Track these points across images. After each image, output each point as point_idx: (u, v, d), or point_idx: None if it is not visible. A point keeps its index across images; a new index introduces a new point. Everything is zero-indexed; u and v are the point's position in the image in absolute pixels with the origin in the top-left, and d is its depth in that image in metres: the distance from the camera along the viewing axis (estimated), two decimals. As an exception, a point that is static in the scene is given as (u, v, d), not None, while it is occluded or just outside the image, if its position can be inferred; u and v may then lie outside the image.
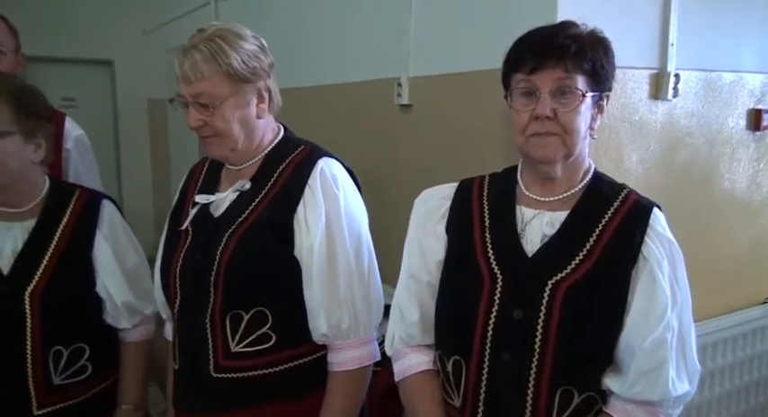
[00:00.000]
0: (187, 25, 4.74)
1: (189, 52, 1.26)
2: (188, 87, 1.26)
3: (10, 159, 1.37)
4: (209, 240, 1.32)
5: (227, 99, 1.27)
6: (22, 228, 1.43)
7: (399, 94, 2.36)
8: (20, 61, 1.86)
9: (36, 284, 1.39)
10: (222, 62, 1.25)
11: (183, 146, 5.03)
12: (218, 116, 1.27)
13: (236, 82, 1.28)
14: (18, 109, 1.37)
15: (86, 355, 1.46)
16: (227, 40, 1.28)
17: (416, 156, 2.32)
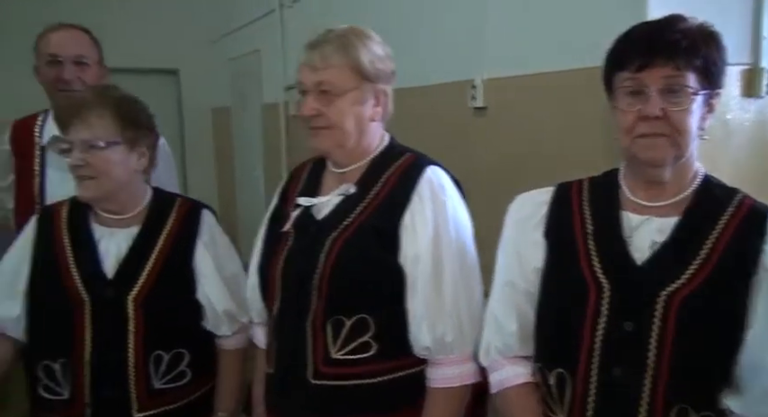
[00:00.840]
0: (251, 33, 4.83)
1: (320, 43, 1.29)
2: (313, 75, 1.28)
3: (115, 168, 1.40)
4: (312, 243, 1.31)
5: (349, 92, 1.29)
6: (126, 235, 1.46)
7: (474, 97, 2.32)
8: (103, 72, 1.91)
9: (139, 289, 1.40)
10: (352, 55, 1.29)
11: (248, 154, 5.11)
12: (336, 107, 1.29)
13: (360, 78, 1.30)
14: (122, 119, 1.40)
15: (186, 361, 1.47)
16: (359, 37, 1.31)
17: (491, 161, 2.27)
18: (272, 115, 4.48)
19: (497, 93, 2.26)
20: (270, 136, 4.57)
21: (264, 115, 4.69)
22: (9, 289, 1.43)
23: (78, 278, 1.39)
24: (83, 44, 1.85)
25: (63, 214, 1.48)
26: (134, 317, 1.39)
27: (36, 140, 1.88)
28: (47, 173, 1.85)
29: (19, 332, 1.44)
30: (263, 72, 4.66)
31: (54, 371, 1.39)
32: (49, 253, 1.43)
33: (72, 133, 1.38)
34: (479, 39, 2.31)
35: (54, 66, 1.81)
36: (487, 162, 2.29)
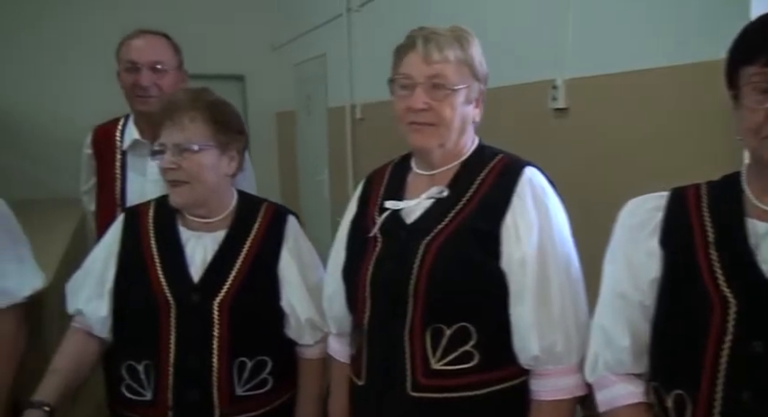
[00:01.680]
0: (317, 38, 4.84)
1: (432, 36, 1.25)
2: (426, 67, 1.24)
3: (206, 173, 1.39)
4: (403, 248, 1.26)
5: (461, 89, 1.26)
6: (213, 239, 1.43)
7: (554, 98, 2.21)
8: (182, 77, 1.91)
9: (225, 294, 1.39)
10: (468, 51, 1.27)
11: (312, 158, 5.12)
12: (448, 103, 1.25)
13: (471, 76, 1.27)
14: (214, 122, 1.39)
15: (268, 368, 1.44)
16: (470, 34, 1.30)
17: (574, 166, 2.16)
18: (337, 119, 4.47)
19: (580, 94, 2.16)
20: (335, 140, 4.57)
21: (330, 119, 4.69)
22: (98, 289, 1.43)
23: (165, 281, 1.38)
24: (160, 50, 1.86)
25: (149, 215, 1.47)
26: (219, 323, 1.37)
27: (117, 144, 1.89)
28: (127, 176, 1.86)
29: (105, 332, 1.44)
30: (329, 76, 4.66)
31: (137, 372, 1.39)
32: (136, 255, 1.42)
33: (165, 136, 1.38)
34: (561, 35, 2.21)
35: (132, 72, 1.82)
36: (569, 167, 2.18)
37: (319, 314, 1.48)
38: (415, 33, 1.29)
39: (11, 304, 1.44)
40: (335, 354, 1.48)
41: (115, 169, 1.87)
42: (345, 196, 4.61)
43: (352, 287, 1.34)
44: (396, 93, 1.30)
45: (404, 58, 1.28)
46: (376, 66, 4.31)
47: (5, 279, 1.42)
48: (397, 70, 1.29)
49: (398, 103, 1.29)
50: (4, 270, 1.43)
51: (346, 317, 1.40)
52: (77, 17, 5.19)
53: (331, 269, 1.42)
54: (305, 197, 5.44)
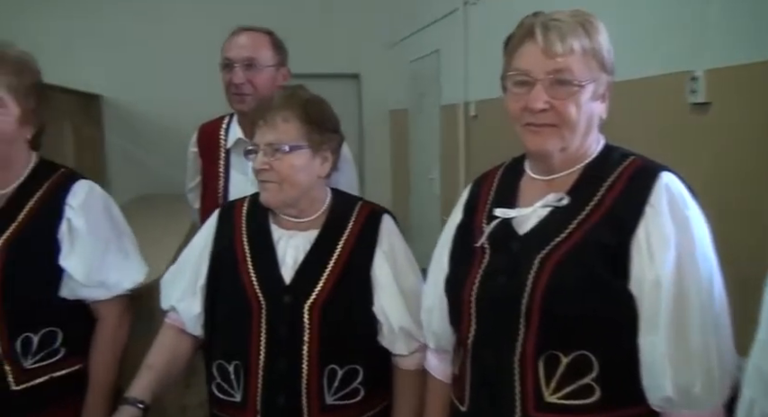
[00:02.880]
0: (432, 34, 4.75)
1: (553, 23, 1.11)
2: (547, 61, 1.10)
3: (298, 174, 1.34)
4: (515, 262, 1.14)
5: (588, 85, 1.11)
6: (305, 239, 1.39)
7: (693, 91, 1.96)
8: (281, 75, 1.86)
9: (316, 297, 1.34)
10: (596, 39, 1.12)
11: (424, 156, 5.04)
12: (573, 101, 1.10)
13: (598, 69, 1.12)
14: (308, 122, 1.34)
15: (360, 378, 1.37)
16: (596, 20, 1.14)
17: (714, 167, 1.90)
18: (450, 116, 4.35)
19: (723, 86, 1.89)
20: (447, 138, 4.46)
21: (443, 117, 4.58)
22: (190, 285, 1.42)
23: (256, 281, 1.35)
24: (256, 47, 1.81)
25: (243, 211, 1.45)
26: (309, 326, 1.32)
27: (221, 143, 1.88)
28: (230, 175, 1.85)
29: (197, 329, 1.43)
30: (443, 73, 4.56)
31: (228, 372, 1.36)
32: (228, 252, 1.40)
33: (258, 136, 1.35)
34: (700, 19, 1.95)
35: (227, 69, 1.80)
36: (709, 167, 1.92)
37: (414, 323, 1.40)
38: (531, 20, 1.13)
39: (112, 296, 1.46)
40: (433, 371, 1.37)
41: (219, 167, 1.87)
42: (456, 195, 4.44)
43: (456, 301, 1.22)
44: (509, 91, 1.15)
45: (519, 50, 1.13)
46: (492, 62, 4.13)
47: (108, 273, 1.44)
48: (511, 65, 1.15)
49: (512, 103, 1.14)
50: (108, 264, 1.45)
51: (446, 333, 1.29)
52: (199, 14, 5.45)
53: (432, 279, 1.31)
54: (415, 195, 5.38)
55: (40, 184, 1.43)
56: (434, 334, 1.32)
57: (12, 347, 1.36)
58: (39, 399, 1.39)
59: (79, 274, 1.40)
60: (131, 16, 5.52)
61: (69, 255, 1.40)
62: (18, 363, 1.37)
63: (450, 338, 1.29)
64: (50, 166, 1.49)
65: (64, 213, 1.41)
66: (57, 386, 1.41)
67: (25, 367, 1.37)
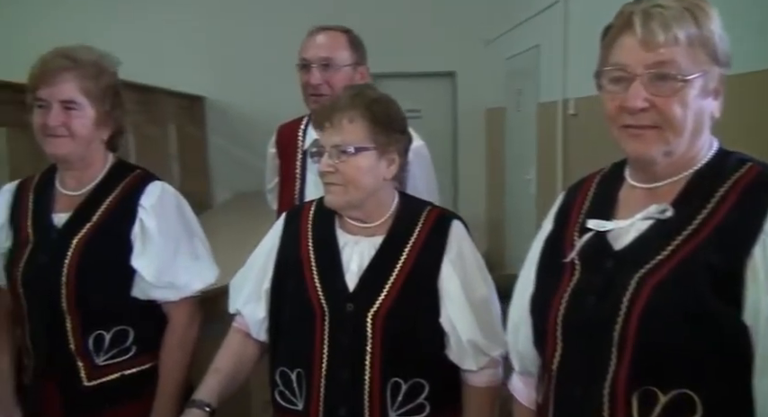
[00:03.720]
0: (530, 29, 4.55)
1: (655, 10, 0.99)
2: (647, 54, 0.98)
3: (363, 176, 1.30)
4: (608, 281, 1.01)
5: (696, 79, 0.97)
6: (370, 244, 1.34)
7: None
8: (358, 75, 1.79)
9: (379, 306, 1.29)
10: (704, 26, 0.98)
11: (520, 156, 4.85)
12: (678, 98, 0.97)
13: (709, 59, 0.98)
14: (374, 123, 1.30)
15: (426, 392, 1.31)
16: (703, 3, 1.00)
17: None
18: (548, 115, 4.15)
19: None
20: (545, 137, 4.26)
21: (540, 115, 4.38)
22: (256, 289, 1.41)
23: (320, 287, 1.32)
24: (332, 47, 1.77)
25: (310, 215, 1.42)
26: (372, 336, 1.28)
27: (299, 144, 1.85)
28: (307, 176, 1.81)
29: (262, 334, 1.42)
30: (542, 69, 4.36)
31: (290, 380, 1.34)
32: (293, 256, 1.38)
33: (324, 137, 1.32)
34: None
35: (304, 70, 1.77)
36: None
37: (485, 336, 1.32)
38: (631, 8, 1.00)
39: (182, 297, 1.47)
40: (518, 395, 1.26)
41: (296, 169, 1.84)
42: (553, 197, 4.23)
43: (540, 323, 1.11)
44: (604, 89, 1.02)
45: (616, 43, 1.01)
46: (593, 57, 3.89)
47: (178, 274, 1.45)
48: (607, 60, 1.02)
49: (608, 102, 1.02)
50: (178, 265, 1.46)
51: (532, 355, 1.18)
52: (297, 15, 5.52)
53: (518, 293, 1.20)
54: (510, 195, 5.20)
55: (115, 185, 1.46)
56: (519, 355, 1.22)
57: (84, 344, 1.39)
58: (110, 396, 1.41)
59: (150, 275, 1.41)
60: (234, 20, 5.71)
61: (141, 256, 1.42)
62: (90, 360, 1.40)
63: (535, 360, 1.17)
64: (126, 167, 1.51)
65: (137, 214, 1.43)
66: (127, 384, 1.43)
67: (97, 363, 1.40)
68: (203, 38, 5.68)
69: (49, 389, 1.40)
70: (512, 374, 1.28)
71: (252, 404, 2.41)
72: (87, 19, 5.27)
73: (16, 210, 1.45)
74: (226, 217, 4.65)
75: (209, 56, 5.67)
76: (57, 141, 1.36)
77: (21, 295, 1.39)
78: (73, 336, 1.38)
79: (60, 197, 1.45)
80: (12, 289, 1.42)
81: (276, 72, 5.67)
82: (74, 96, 1.36)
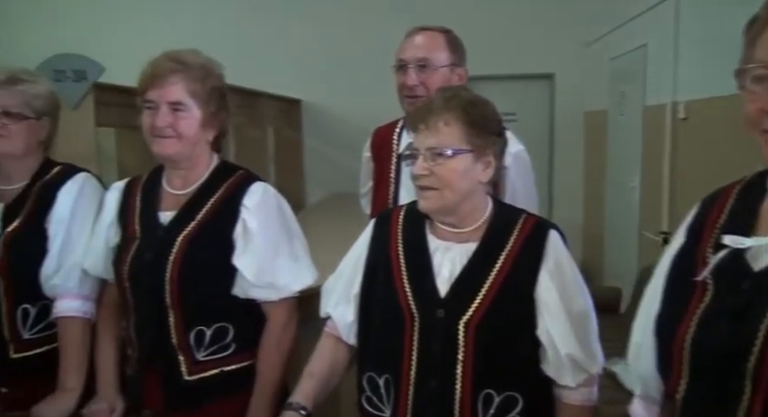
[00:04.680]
0: (637, 28, 4.33)
1: None
2: None
3: (459, 179, 1.27)
4: (745, 305, 0.91)
5: None
6: (462, 251, 1.31)
7: None
8: (458, 76, 1.74)
9: (472, 314, 1.26)
10: None
11: (623, 162, 4.61)
12: None
13: None
14: (470, 125, 1.28)
15: (519, 407, 1.26)
16: None
17: None
18: (655, 119, 3.91)
19: None
20: (651, 142, 4.02)
21: (646, 119, 4.14)
22: (345, 293, 1.41)
23: (410, 292, 1.30)
24: (430, 47, 1.73)
25: (399, 220, 1.40)
26: (464, 345, 1.25)
27: (394, 147, 1.83)
28: (401, 180, 1.78)
29: (351, 338, 1.41)
30: (649, 70, 4.12)
31: (378, 385, 1.32)
32: (383, 261, 1.36)
33: (418, 140, 1.30)
34: None
35: (400, 71, 1.74)
36: None
37: (583, 351, 1.28)
38: None
39: (281, 297, 1.48)
40: None
41: (390, 172, 1.82)
42: (658, 206, 4.07)
43: (665, 345, 1.02)
44: (746, 89, 0.92)
45: (761, 38, 0.90)
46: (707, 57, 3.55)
47: (278, 274, 1.46)
48: (751, 56, 0.91)
49: (749, 103, 0.91)
50: (278, 266, 1.47)
51: (655, 379, 1.08)
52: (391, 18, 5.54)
53: (644, 310, 1.11)
54: (611, 204, 4.95)
55: (219, 185, 1.49)
56: (641, 378, 1.12)
57: (186, 339, 1.43)
58: (209, 392, 1.44)
59: (250, 274, 1.43)
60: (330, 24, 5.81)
61: (242, 255, 1.44)
62: (191, 355, 1.43)
63: (658, 385, 1.08)
64: (230, 168, 1.55)
65: (240, 213, 1.45)
66: (226, 381, 1.46)
67: (198, 359, 1.43)
68: (300, 42, 5.81)
69: (151, 382, 1.45)
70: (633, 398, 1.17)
71: (341, 408, 2.42)
72: (203, 25, 5.52)
73: (125, 208, 1.51)
74: (318, 217, 4.71)
75: (307, 60, 5.80)
76: (164, 142, 1.41)
77: (127, 289, 1.45)
78: (175, 331, 1.42)
79: (167, 195, 1.49)
80: (119, 284, 1.48)
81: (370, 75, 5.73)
82: (181, 98, 1.40)
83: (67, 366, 1.49)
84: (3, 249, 1.51)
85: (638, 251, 4.19)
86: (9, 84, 1.52)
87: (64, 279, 1.51)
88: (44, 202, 1.55)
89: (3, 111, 1.51)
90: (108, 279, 1.54)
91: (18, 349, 1.53)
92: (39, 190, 1.56)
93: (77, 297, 1.52)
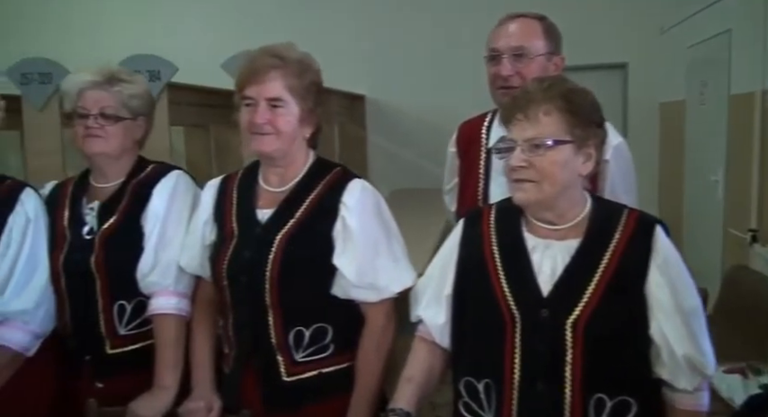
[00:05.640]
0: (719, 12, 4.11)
1: None
2: None
3: (560, 172, 1.23)
4: None
5: None
6: (563, 248, 1.27)
7: None
8: (554, 65, 1.66)
9: (580, 313, 1.21)
10: None
11: (703, 155, 4.41)
12: None
13: None
14: (571, 114, 1.23)
15: (632, 413, 1.22)
16: None
17: None
18: (742, 108, 3.72)
19: None
20: (737, 134, 3.82)
21: (732, 109, 3.93)
22: (436, 295, 1.38)
23: (509, 292, 1.26)
24: (525, 35, 1.65)
25: (491, 218, 1.36)
26: (572, 345, 1.20)
27: (483, 141, 1.76)
28: (491, 176, 1.71)
29: (445, 341, 1.38)
30: (734, 57, 3.90)
31: (476, 391, 1.28)
32: (477, 261, 1.32)
33: (516, 131, 1.26)
34: None
35: (493, 61, 1.67)
36: None
37: (698, 351, 1.22)
38: None
39: (381, 299, 1.45)
40: None
41: (479, 168, 1.75)
42: (746, 202, 3.84)
43: None
44: None
45: None
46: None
47: (378, 275, 1.43)
48: None
49: None
50: (378, 266, 1.43)
51: None
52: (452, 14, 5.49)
53: None
54: (690, 199, 4.74)
55: (317, 182, 1.47)
56: None
57: (285, 339, 1.41)
58: (307, 393, 1.43)
59: (351, 274, 1.41)
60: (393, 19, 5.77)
61: (342, 254, 1.42)
62: (290, 355, 1.42)
63: None
64: (327, 164, 1.53)
65: (338, 211, 1.43)
66: (324, 383, 1.44)
67: (296, 359, 1.42)
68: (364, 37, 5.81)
69: (248, 381, 1.44)
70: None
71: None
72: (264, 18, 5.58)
73: (221, 205, 1.51)
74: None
75: (371, 55, 5.79)
76: (263, 139, 1.40)
77: (225, 287, 1.45)
78: (275, 330, 1.41)
79: (263, 193, 1.48)
80: (217, 282, 1.48)
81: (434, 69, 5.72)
82: (280, 94, 1.39)
83: (164, 364, 1.50)
84: (99, 246, 1.53)
85: (722, 249, 3.98)
86: (107, 84, 1.55)
87: (160, 276, 1.52)
88: (139, 200, 1.57)
89: (100, 113, 1.53)
90: (203, 277, 1.54)
91: (114, 344, 1.56)
92: (134, 188, 1.58)
93: (173, 295, 1.52)
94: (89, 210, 1.58)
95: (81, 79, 1.55)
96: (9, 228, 1.53)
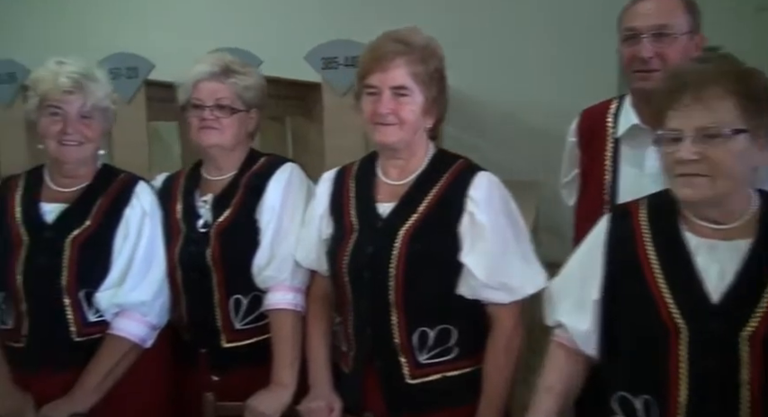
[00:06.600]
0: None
1: None
2: None
3: (735, 164, 1.11)
4: None
5: None
6: (731, 250, 1.15)
7: None
8: (696, 45, 1.52)
9: (758, 325, 1.10)
10: None
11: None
12: None
13: None
14: (747, 99, 1.11)
15: None
16: None
17: None
18: None
19: None
20: None
21: None
22: (580, 300, 1.27)
23: (671, 300, 1.15)
24: (667, 12, 1.51)
25: (641, 216, 1.24)
26: (750, 363, 1.09)
27: (608, 131, 1.64)
28: (619, 169, 1.59)
29: (590, 348, 1.27)
30: None
31: (633, 408, 1.18)
32: (629, 264, 1.21)
33: (681, 119, 1.13)
34: None
35: (630, 42, 1.53)
36: None
37: None
38: None
39: (512, 300, 1.37)
40: None
41: (605, 160, 1.63)
42: None
43: None
44: None
45: None
46: None
47: (511, 275, 1.35)
48: None
49: None
50: (510, 265, 1.36)
51: None
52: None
53: None
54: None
55: (439, 175, 1.40)
56: None
57: (409, 339, 1.35)
58: (431, 397, 1.36)
59: (481, 273, 1.33)
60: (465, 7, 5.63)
61: (471, 252, 1.34)
62: (413, 357, 1.35)
63: None
64: (449, 156, 1.46)
65: (465, 206, 1.35)
66: (449, 387, 1.37)
67: (420, 361, 1.36)
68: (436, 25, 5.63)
69: (370, 383, 1.39)
70: None
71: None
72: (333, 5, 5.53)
73: (338, 198, 1.46)
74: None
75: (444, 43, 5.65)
76: (387, 129, 1.34)
77: (346, 284, 1.39)
78: (398, 330, 1.35)
79: (382, 186, 1.43)
80: (336, 277, 1.42)
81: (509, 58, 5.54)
82: (405, 82, 1.32)
83: (282, 361, 1.46)
84: (215, 240, 1.51)
85: None
86: (223, 75, 1.52)
87: (277, 270, 1.49)
88: (253, 193, 1.54)
89: (216, 104, 1.50)
90: (318, 271, 1.50)
91: (230, 338, 1.54)
92: (247, 181, 1.55)
93: (290, 290, 1.49)
94: (202, 203, 1.57)
95: (197, 70, 1.53)
96: (126, 221, 1.53)
